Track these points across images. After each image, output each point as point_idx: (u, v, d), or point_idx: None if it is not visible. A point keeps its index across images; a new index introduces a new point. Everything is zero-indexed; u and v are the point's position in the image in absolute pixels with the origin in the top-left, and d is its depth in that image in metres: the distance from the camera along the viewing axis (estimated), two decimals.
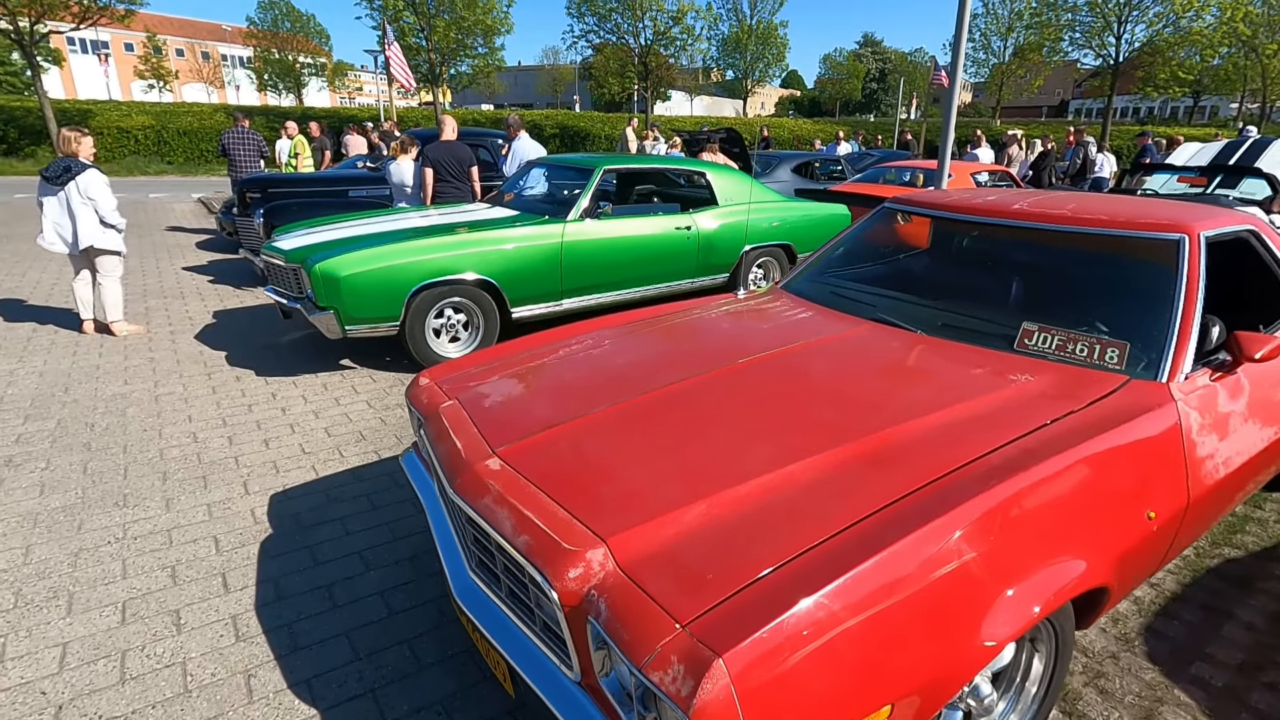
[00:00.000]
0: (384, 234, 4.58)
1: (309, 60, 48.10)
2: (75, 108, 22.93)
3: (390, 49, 17.07)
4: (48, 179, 4.95)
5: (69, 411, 3.85)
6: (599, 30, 22.58)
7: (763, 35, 40.86)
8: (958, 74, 6.59)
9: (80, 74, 49.11)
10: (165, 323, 5.67)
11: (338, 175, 7.73)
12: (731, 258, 5.81)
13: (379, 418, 3.89)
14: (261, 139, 9.82)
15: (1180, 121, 44.51)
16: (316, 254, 4.20)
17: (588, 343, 2.47)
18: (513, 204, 5.50)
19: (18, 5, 17.92)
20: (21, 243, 9.19)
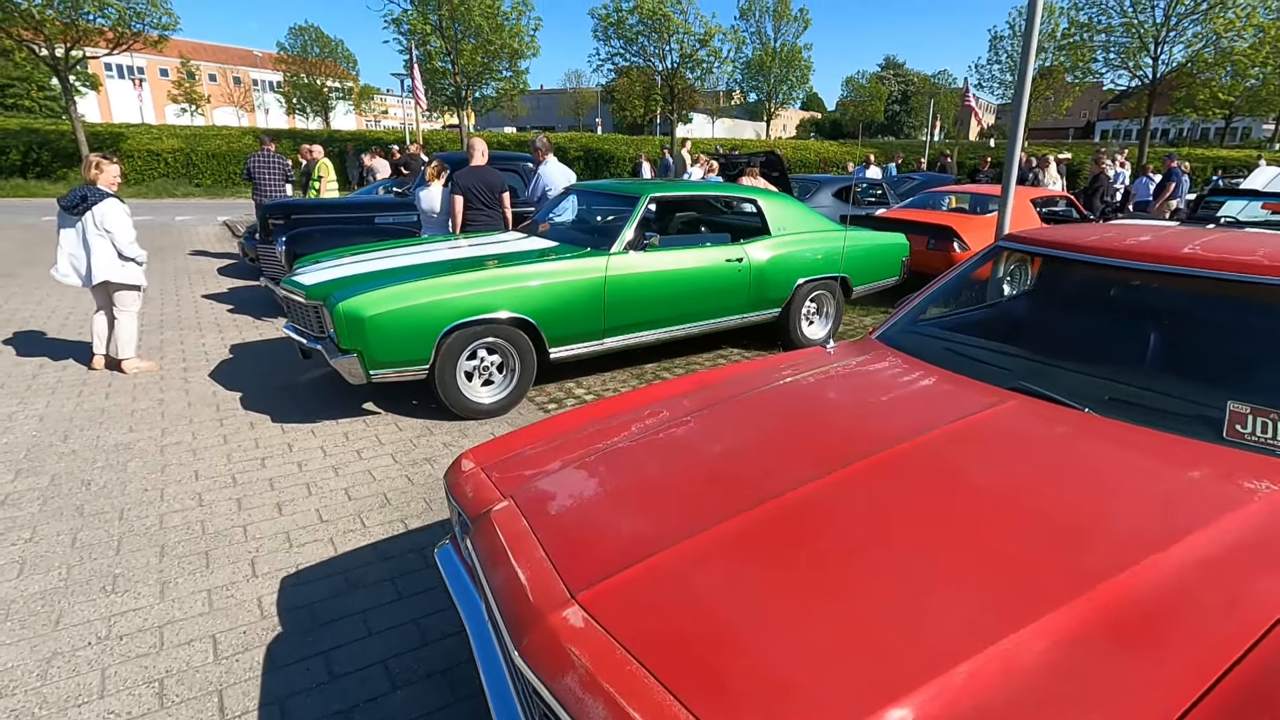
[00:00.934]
0: (412, 268, 4.20)
1: (336, 84, 48.86)
2: (107, 131, 23.24)
3: (414, 71, 17.03)
4: (64, 208, 4.69)
5: (65, 465, 3.48)
6: (625, 53, 22.48)
7: (786, 58, 40.78)
8: (1025, 89, 6.14)
9: (116, 98, 50.31)
10: (179, 358, 5.33)
11: (363, 201, 7.44)
12: (785, 291, 5.36)
13: (405, 475, 3.46)
14: (288, 163, 9.61)
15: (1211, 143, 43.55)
16: (340, 291, 3.82)
17: (664, 417, 2.02)
18: (549, 234, 5.11)
19: (54, 32, 18.18)
20: (43, 268, 8.99)
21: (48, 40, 18.33)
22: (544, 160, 6.48)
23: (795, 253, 5.34)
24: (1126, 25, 25.14)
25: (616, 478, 1.69)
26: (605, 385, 4.86)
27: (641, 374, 5.10)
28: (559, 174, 6.38)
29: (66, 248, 4.73)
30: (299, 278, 4.22)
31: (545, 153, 6.53)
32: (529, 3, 20.68)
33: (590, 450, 1.85)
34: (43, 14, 17.57)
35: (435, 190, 6.10)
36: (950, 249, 6.83)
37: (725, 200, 5.76)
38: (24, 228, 13.06)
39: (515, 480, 1.75)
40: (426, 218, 6.14)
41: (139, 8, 19.14)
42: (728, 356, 5.56)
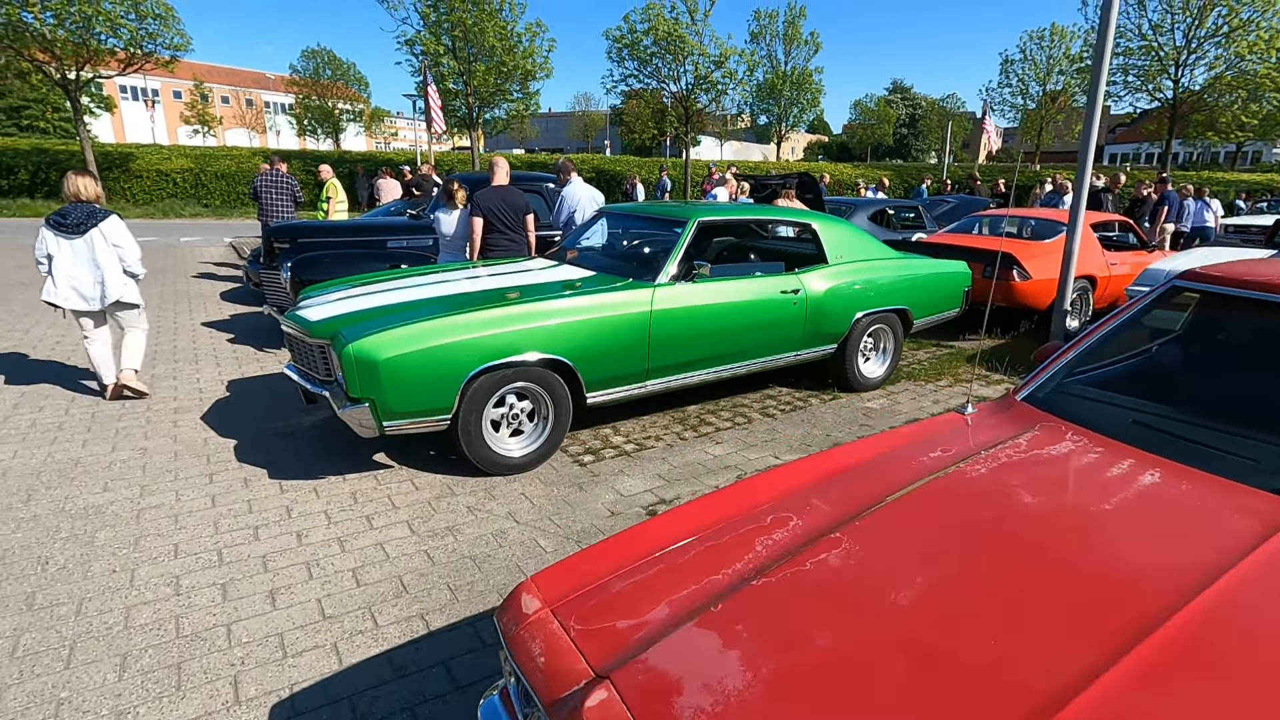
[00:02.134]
0: (431, 302, 3.68)
1: (348, 107, 49.07)
2: (117, 151, 23.04)
3: (429, 92, 16.73)
4: (66, 227, 4.38)
5: (23, 536, 2.93)
6: (639, 75, 22.21)
7: (798, 81, 40.67)
8: (1098, 103, 5.64)
9: (130, 119, 50.68)
10: (171, 395, 4.81)
11: (375, 224, 6.96)
12: (843, 326, 4.81)
13: (424, 552, 2.90)
14: (297, 184, 9.19)
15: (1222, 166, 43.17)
16: (349, 329, 3.30)
17: (798, 531, 1.46)
18: (581, 262, 4.60)
19: (66, 53, 18.02)
20: (37, 291, 8.53)
21: (60, 62, 18.17)
22: (568, 181, 6.00)
23: (854, 283, 4.80)
24: (1146, 48, 24.81)
25: (767, 648, 1.13)
26: (645, 432, 4.31)
27: (684, 418, 4.55)
28: (586, 196, 5.90)
29: (64, 269, 4.39)
30: (303, 312, 3.70)
31: (569, 173, 6.05)
32: (542, 24, 20.48)
33: (710, 589, 1.29)
34: (54, 34, 17.39)
35: (457, 212, 5.61)
36: (1010, 278, 6.29)
37: (777, 225, 5.24)
38: (25, 249, 12.66)
39: (608, 641, 1.20)
40: (445, 242, 5.64)
41: (151, 28, 19.01)
42: (776, 397, 5.00)
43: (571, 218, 5.82)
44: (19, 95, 37.37)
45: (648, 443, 4.15)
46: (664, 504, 3.38)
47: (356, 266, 5.81)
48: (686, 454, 4.00)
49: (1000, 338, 6.89)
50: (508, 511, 3.27)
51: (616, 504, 3.38)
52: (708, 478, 3.69)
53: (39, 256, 4.43)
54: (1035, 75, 40.17)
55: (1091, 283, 6.80)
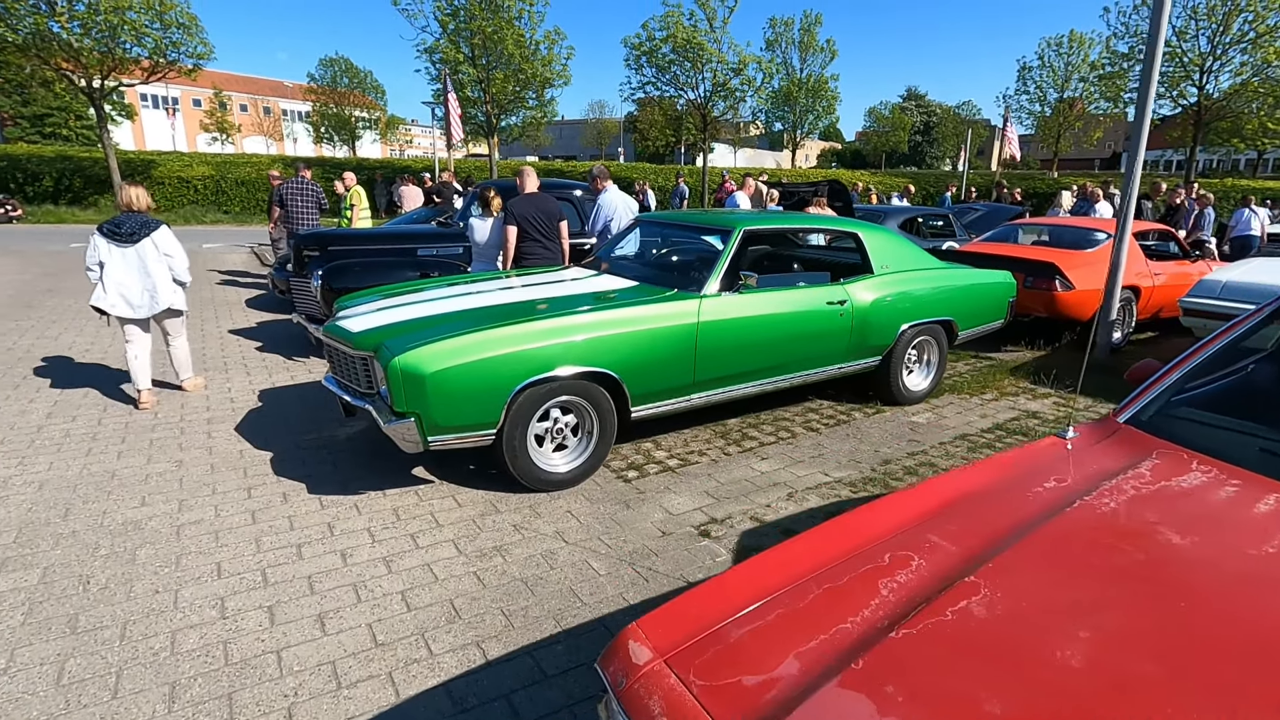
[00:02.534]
0: (474, 312, 3.58)
1: (364, 114, 49.46)
2: (140, 158, 23.29)
3: (448, 100, 16.76)
4: (120, 236, 4.49)
5: (62, 554, 2.85)
6: (657, 82, 22.19)
7: (813, 88, 40.60)
8: (1147, 108, 5.50)
9: (151, 127, 51.35)
10: (204, 405, 4.74)
11: (404, 232, 6.89)
12: (888, 338, 4.68)
13: (474, 573, 2.79)
14: (321, 191, 9.15)
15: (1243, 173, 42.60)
16: (394, 340, 3.21)
17: (924, 574, 1.33)
18: (620, 271, 4.49)
19: (91, 62, 18.24)
20: (65, 298, 8.56)
21: (85, 70, 18.38)
22: (603, 189, 5.90)
23: (900, 293, 4.67)
24: (1171, 54, 24.49)
25: (929, 717, 1.00)
26: (688, 447, 4.18)
27: (726, 432, 4.43)
28: (622, 204, 5.80)
29: (114, 277, 4.50)
30: (344, 323, 3.61)
31: (604, 180, 5.96)
32: (561, 31, 20.51)
33: (841, 640, 1.17)
34: (80, 42, 17.59)
35: (492, 220, 5.52)
36: (1052, 288, 6.13)
37: (821, 234, 5.11)
38: (51, 255, 12.77)
39: (737, 701, 1.08)
40: (478, 250, 5.55)
41: (174, 37, 19.20)
42: (818, 410, 4.87)
43: (607, 226, 5.72)
44: (43, 103, 37.93)
45: (691, 458, 4.03)
46: (715, 523, 3.26)
47: (387, 275, 5.74)
48: (732, 470, 3.88)
49: (1040, 349, 6.72)
50: (555, 530, 3.16)
51: (666, 523, 3.26)
52: (757, 495, 3.56)
53: (90, 263, 4.50)
54: (1053, 82, 39.91)
55: (1135, 293, 6.63)
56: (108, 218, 4.55)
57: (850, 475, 3.84)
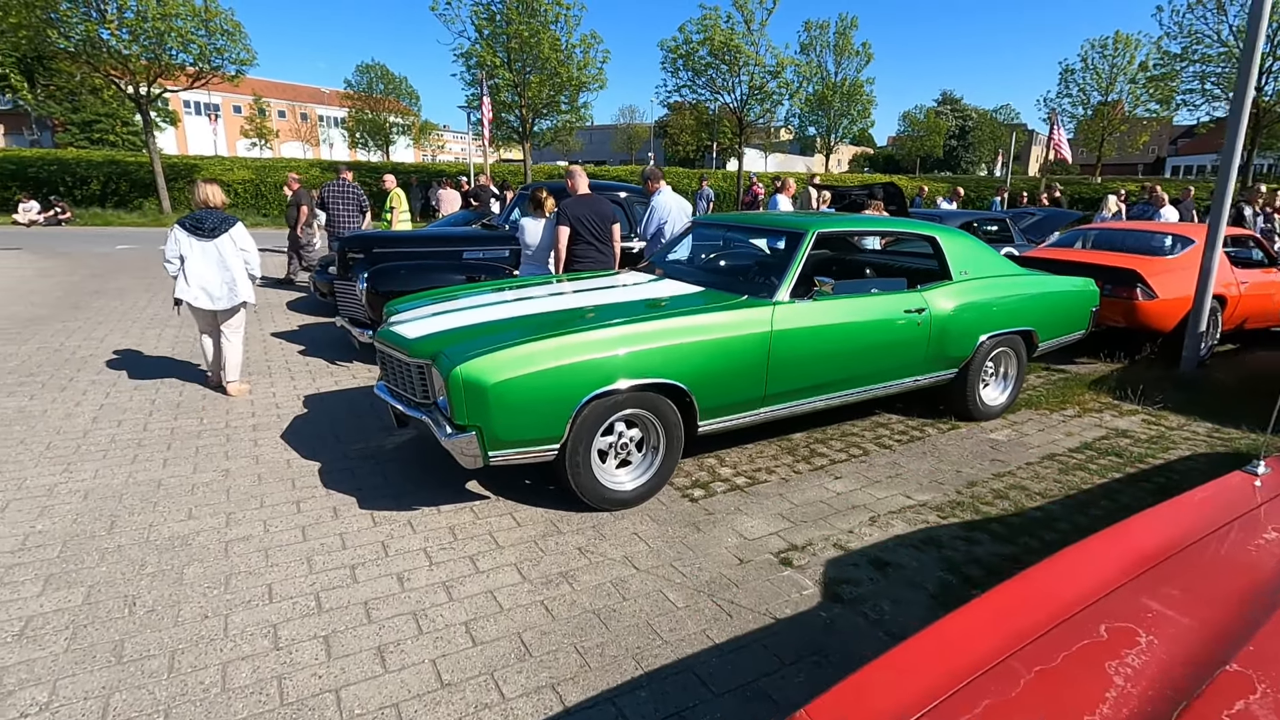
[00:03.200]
0: (535, 319, 3.38)
1: (399, 120, 50.11)
2: (183, 162, 23.77)
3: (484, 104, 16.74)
4: (201, 231, 4.68)
5: (107, 571, 2.69)
6: (693, 85, 21.98)
7: (848, 92, 40.00)
8: (1244, 109, 5.11)
9: (193, 132, 52.63)
10: (248, 411, 4.61)
11: (449, 234, 6.74)
12: (967, 349, 4.37)
13: (541, 603, 2.57)
14: (363, 194, 9.09)
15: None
16: (453, 348, 3.01)
17: (1157, 651, 1.06)
18: (680, 276, 4.25)
19: (139, 69, 18.63)
20: (111, 299, 8.60)
21: (134, 77, 18.77)
22: (657, 190, 5.67)
23: (980, 301, 4.35)
24: (1227, 54, 23.56)
25: None
26: (754, 463, 3.92)
27: (793, 447, 4.15)
28: (676, 206, 5.57)
29: (195, 270, 4.67)
30: (398, 329, 3.43)
31: (658, 182, 5.73)
32: (597, 35, 20.43)
33: None
34: (129, 49, 17.96)
35: (544, 222, 5.32)
36: (1133, 296, 5.74)
37: (898, 238, 4.81)
38: (99, 257, 12.97)
39: None
40: (529, 253, 5.36)
41: (219, 44, 19.53)
42: (888, 425, 4.57)
43: (660, 229, 5.49)
44: (91, 110, 39.06)
45: (759, 476, 3.77)
46: (796, 550, 2.99)
47: (433, 278, 5.58)
48: (805, 490, 3.61)
49: (1116, 361, 6.31)
50: (623, 555, 2.92)
51: (742, 549, 3.00)
52: (837, 519, 3.29)
53: (169, 256, 4.66)
54: (1097, 84, 38.89)
55: (1221, 302, 6.19)
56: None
57: (934, 498, 3.54)
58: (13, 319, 7.24)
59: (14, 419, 4.32)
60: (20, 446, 3.89)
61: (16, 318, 7.32)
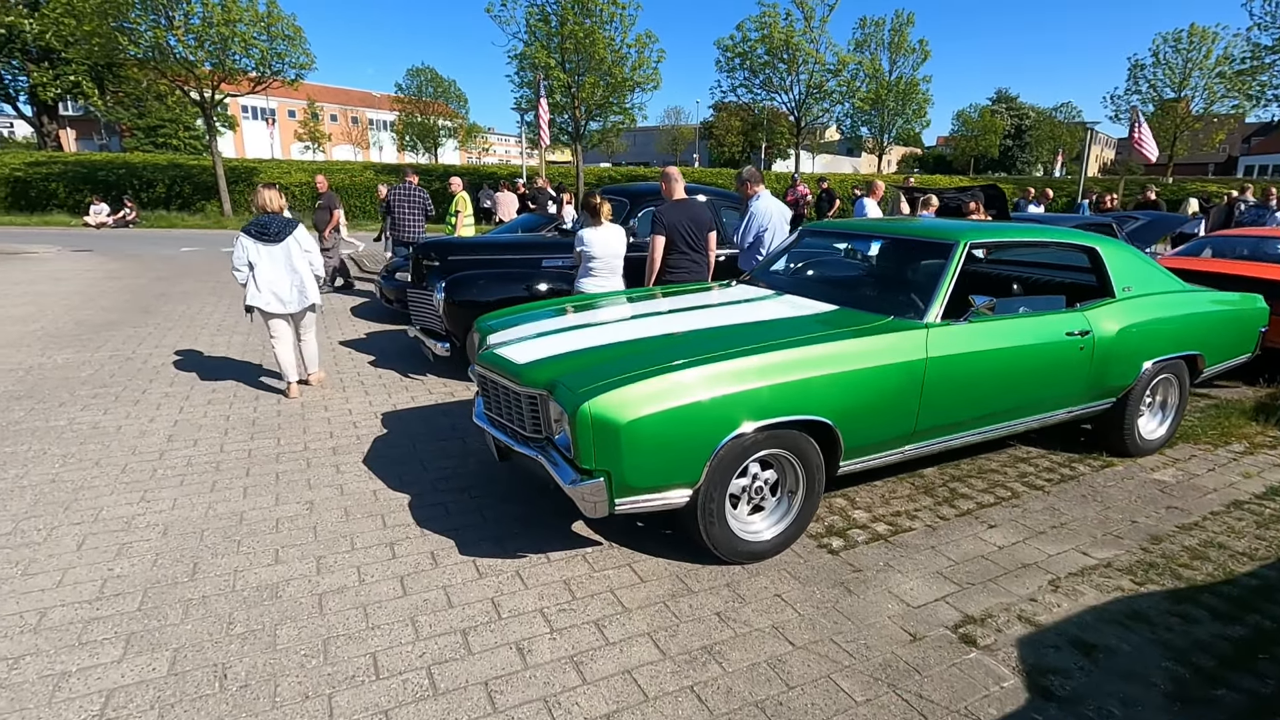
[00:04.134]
0: (652, 343, 2.97)
1: (447, 123, 50.66)
2: (243, 165, 24.23)
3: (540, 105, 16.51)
4: (268, 236, 4.71)
5: (192, 630, 2.37)
6: (749, 84, 21.43)
7: (904, 91, 38.77)
8: None
9: (250, 136, 54.18)
10: (325, 430, 4.33)
11: (527, 241, 6.40)
12: (1129, 377, 3.81)
13: (691, 690, 2.15)
14: (428, 198, 8.87)
15: None
16: (575, 377, 2.62)
17: None
18: (800, 291, 3.79)
19: (204, 75, 18.98)
20: (178, 303, 8.54)
21: (198, 82, 19.13)
22: (756, 194, 5.21)
23: (1146, 322, 3.79)
24: None
25: None
26: (889, 505, 3.45)
27: (928, 487, 3.66)
28: (777, 212, 5.11)
29: (264, 275, 4.69)
30: (503, 351, 3.06)
31: (757, 185, 5.27)
32: (652, 34, 20.05)
33: None
34: (195, 53, 18.28)
35: (607, 231, 4.72)
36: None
37: (1054, 250, 4.27)
38: (164, 260, 13.12)
39: None
40: (596, 262, 4.86)
41: (280, 49, 19.77)
42: (1030, 461, 4.03)
43: (759, 237, 5.05)
44: (156, 115, 40.40)
45: (900, 522, 3.29)
46: (974, 624, 2.51)
47: (513, 288, 5.25)
48: (959, 542, 3.12)
49: (1267, 386, 5.61)
50: (771, 624, 2.49)
51: (908, 619, 2.54)
52: (1009, 582, 2.79)
53: (238, 264, 4.67)
54: (1169, 80, 37.00)
55: None
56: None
57: (1117, 556, 3.01)
58: (85, 325, 7.18)
59: (89, 436, 4.11)
60: (96, 470, 3.66)
61: (88, 324, 7.26)
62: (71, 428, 4.24)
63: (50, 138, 28.52)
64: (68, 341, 6.42)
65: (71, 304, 8.33)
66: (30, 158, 23.97)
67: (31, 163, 22.73)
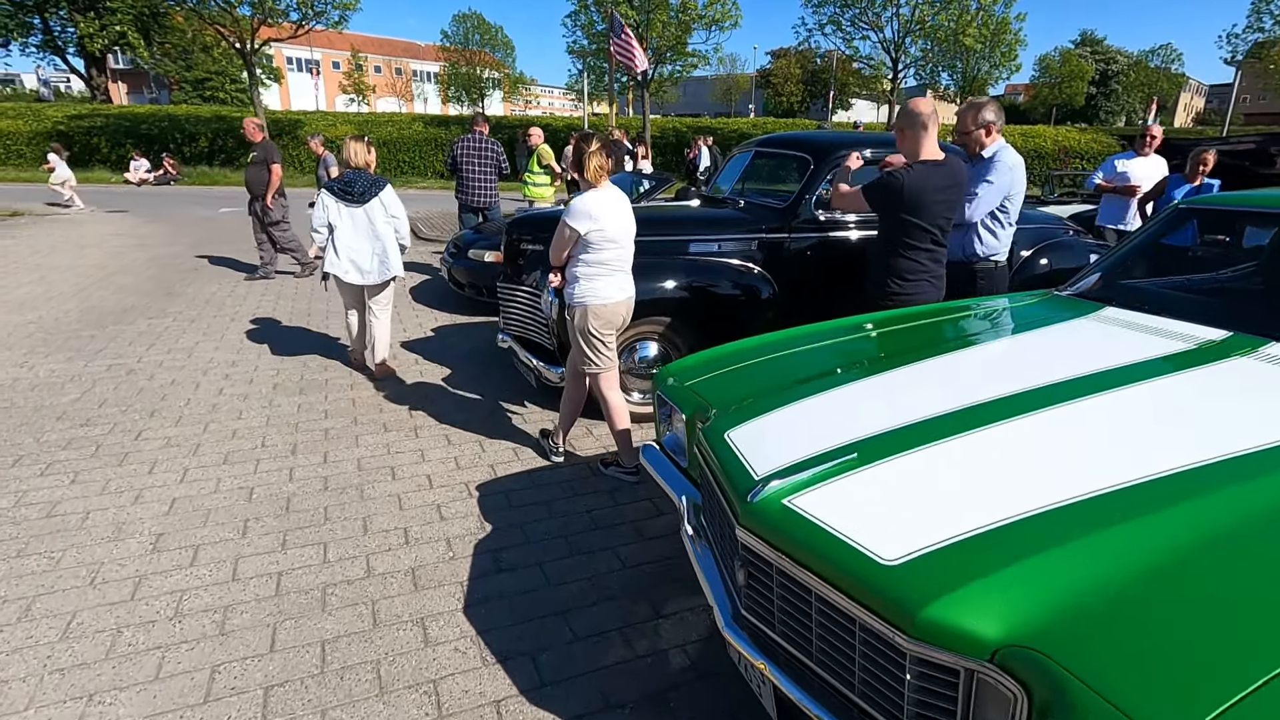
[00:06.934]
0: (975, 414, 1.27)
1: (493, 74, 48.66)
2: (287, 118, 22.90)
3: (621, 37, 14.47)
4: (351, 195, 4.13)
5: None
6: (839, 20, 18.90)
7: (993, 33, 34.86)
8: None
9: (295, 89, 53.08)
10: (423, 478, 2.80)
11: (663, 216, 4.56)
12: None
13: None
14: (503, 153, 7.19)
15: None
16: (1061, 635, 0.95)
17: None
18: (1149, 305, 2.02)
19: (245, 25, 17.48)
20: (209, 282, 7.15)
21: (238, 27, 17.64)
22: (996, 141, 3.33)
23: None
24: None
25: None
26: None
27: None
28: (1021, 170, 3.27)
29: (345, 240, 4.17)
30: (755, 464, 1.41)
31: (997, 127, 3.38)
32: None
33: None
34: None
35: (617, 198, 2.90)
36: None
37: None
38: (200, 223, 11.82)
39: None
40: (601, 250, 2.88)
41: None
42: None
43: (1005, 208, 3.23)
44: (203, 68, 39.46)
45: None
46: None
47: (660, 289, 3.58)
48: None
49: None
50: None
51: None
52: None
53: (317, 224, 4.16)
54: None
55: None
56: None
57: None
58: (91, 315, 5.79)
59: (34, 535, 2.63)
60: (26, 625, 2.17)
61: (95, 312, 5.88)
62: (14, 512, 2.78)
63: (100, 91, 27.65)
64: (62, 342, 5.03)
65: (83, 283, 6.99)
66: (73, 110, 23.05)
67: (74, 115, 21.78)
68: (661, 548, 2.59)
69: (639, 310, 3.39)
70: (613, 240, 2.87)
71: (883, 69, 19.71)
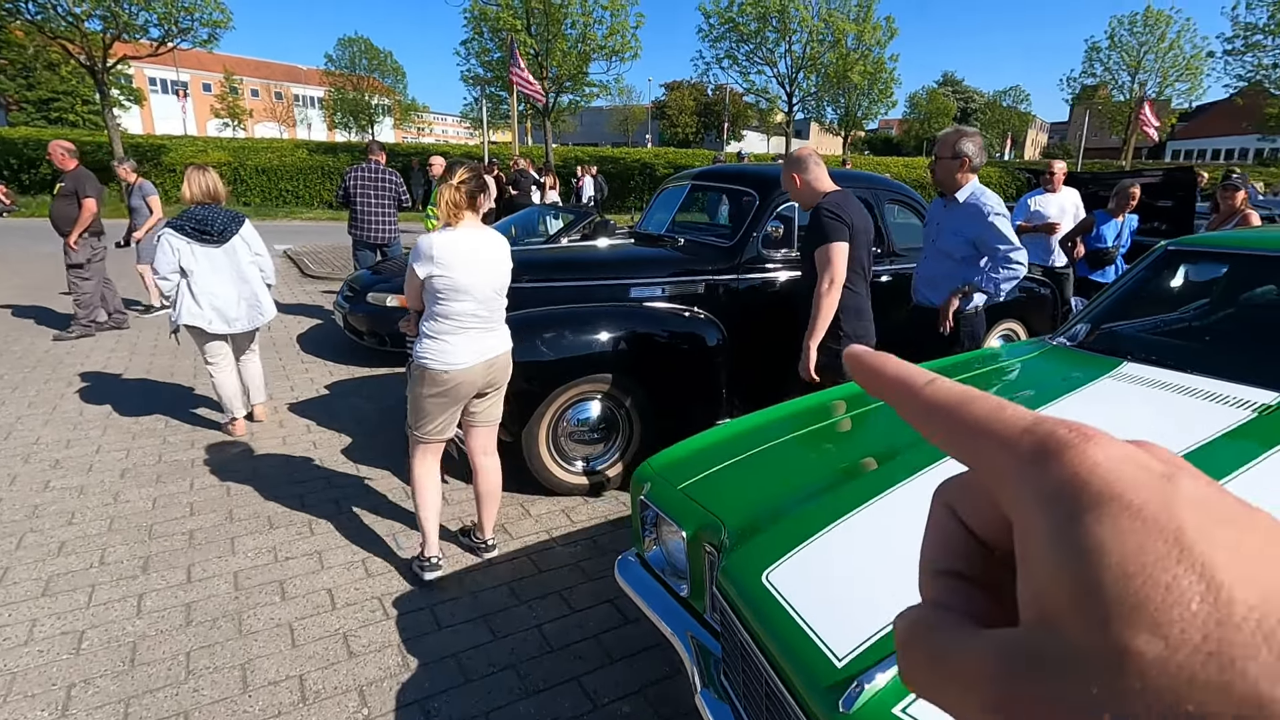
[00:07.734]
0: None
1: (383, 100, 46.97)
2: (148, 143, 20.76)
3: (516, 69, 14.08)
4: (208, 235, 3.63)
5: None
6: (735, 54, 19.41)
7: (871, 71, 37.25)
8: None
9: (160, 112, 48.93)
10: (273, 614, 2.14)
11: (590, 258, 4.08)
12: None
13: None
14: (402, 184, 6.52)
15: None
16: None
17: None
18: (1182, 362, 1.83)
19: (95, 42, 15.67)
20: (41, 339, 6.00)
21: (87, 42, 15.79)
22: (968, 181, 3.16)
23: None
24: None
25: None
26: None
27: None
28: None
29: (205, 286, 3.68)
30: (870, 697, 0.98)
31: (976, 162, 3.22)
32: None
33: None
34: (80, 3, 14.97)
35: (487, 239, 2.45)
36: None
37: None
38: (37, 262, 10.26)
39: None
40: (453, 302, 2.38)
41: (186, 2, 16.54)
42: None
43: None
44: (49, 87, 35.66)
45: None
46: None
47: (599, 343, 3.11)
48: None
49: None
50: None
51: None
52: None
53: (165, 272, 3.62)
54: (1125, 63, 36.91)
55: None
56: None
57: None
58: None
59: None
60: None
61: None
62: None
63: None
64: None
65: None
66: None
67: None
68: (637, 671, 2.10)
69: (574, 368, 2.93)
70: (462, 291, 2.34)
71: (777, 102, 20.36)
